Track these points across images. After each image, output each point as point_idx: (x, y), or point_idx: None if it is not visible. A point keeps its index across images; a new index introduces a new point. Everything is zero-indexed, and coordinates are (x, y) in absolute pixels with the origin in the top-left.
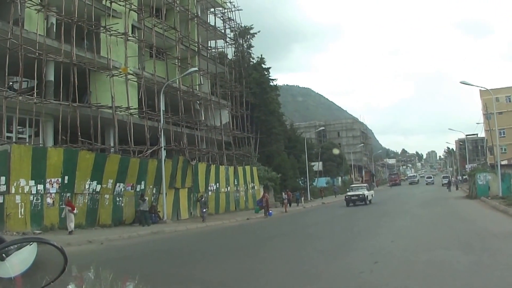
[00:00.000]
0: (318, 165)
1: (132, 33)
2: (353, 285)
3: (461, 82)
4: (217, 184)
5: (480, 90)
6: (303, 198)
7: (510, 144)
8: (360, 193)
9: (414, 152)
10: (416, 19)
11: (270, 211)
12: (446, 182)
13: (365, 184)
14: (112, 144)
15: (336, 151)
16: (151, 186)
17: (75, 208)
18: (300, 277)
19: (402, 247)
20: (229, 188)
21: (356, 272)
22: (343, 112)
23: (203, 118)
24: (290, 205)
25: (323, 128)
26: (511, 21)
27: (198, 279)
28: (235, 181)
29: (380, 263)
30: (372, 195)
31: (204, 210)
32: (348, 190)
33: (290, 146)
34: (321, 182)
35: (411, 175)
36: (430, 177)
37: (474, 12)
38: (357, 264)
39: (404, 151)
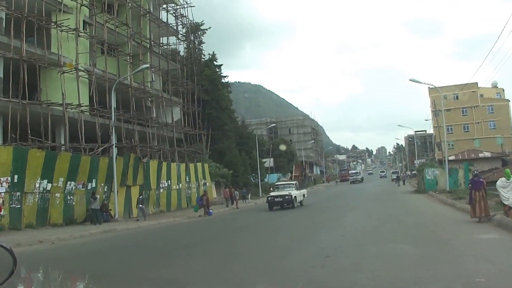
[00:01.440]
0: (269, 162)
1: (83, 29)
2: (305, 279)
3: (410, 80)
4: (169, 181)
5: (428, 87)
6: (249, 194)
7: (457, 140)
8: (286, 193)
9: (364, 148)
10: (365, 17)
11: (210, 210)
12: (396, 177)
13: (293, 182)
14: (62, 142)
15: (283, 147)
16: (102, 184)
17: (2, 209)
18: (253, 273)
19: (353, 241)
20: (180, 185)
21: (308, 266)
22: (294, 109)
23: (155, 115)
24: (232, 203)
25: (274, 124)
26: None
27: (150, 278)
28: (187, 178)
29: (331, 258)
30: (304, 195)
31: (141, 206)
32: (271, 189)
33: (242, 143)
34: (273, 178)
35: (353, 171)
36: (383, 171)
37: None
38: (309, 259)
39: (354, 147)
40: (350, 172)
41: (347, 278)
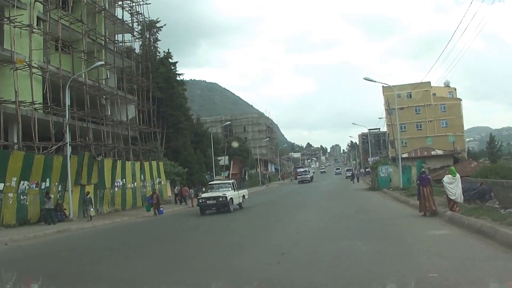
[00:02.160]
0: (224, 160)
1: (37, 25)
2: (261, 276)
3: (365, 79)
4: (124, 179)
5: (382, 86)
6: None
7: (410, 138)
8: (220, 194)
9: (319, 146)
10: (318, 16)
11: (161, 209)
12: (350, 174)
13: (230, 181)
14: (15, 141)
15: (235, 144)
16: (56, 183)
17: None
18: (209, 271)
19: (308, 238)
20: (135, 183)
21: (264, 264)
22: (250, 107)
23: (109, 113)
24: (186, 202)
25: (229, 122)
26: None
27: (105, 278)
28: (142, 177)
29: (287, 255)
30: (244, 196)
31: (90, 208)
32: (205, 189)
33: (197, 141)
34: None
35: (302, 169)
36: (338, 169)
37: (377, 11)
38: (265, 257)
39: (309, 145)
40: (298, 170)
41: (303, 275)
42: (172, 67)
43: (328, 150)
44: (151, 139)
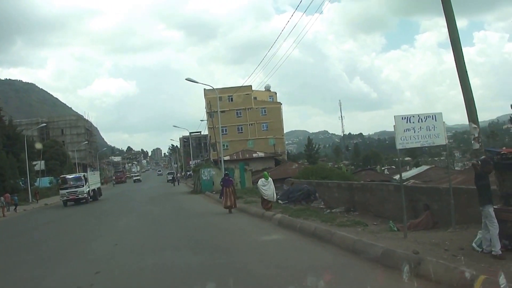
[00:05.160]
0: (40, 164)
1: None
2: None
3: (187, 79)
4: None
5: (204, 89)
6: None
7: (231, 141)
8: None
9: (140, 150)
10: (137, 18)
11: None
12: (171, 178)
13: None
14: None
15: (38, 145)
16: None
17: None
18: None
19: (128, 250)
20: None
21: (73, 287)
22: (68, 109)
23: None
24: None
25: (45, 124)
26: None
27: None
28: None
29: (102, 273)
30: None
31: None
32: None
33: (9, 144)
34: (44, 182)
35: (136, 175)
36: (160, 171)
37: (199, 16)
38: (76, 277)
39: (129, 148)
40: (133, 173)
41: None
42: None
43: (149, 154)
44: None
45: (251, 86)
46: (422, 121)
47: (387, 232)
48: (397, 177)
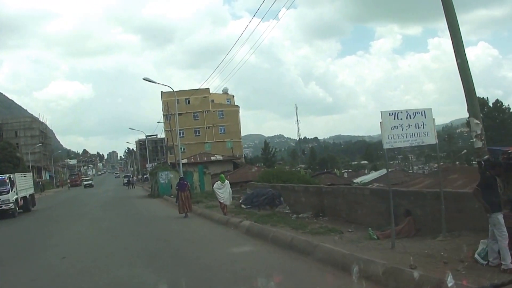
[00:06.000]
0: None
1: None
2: None
3: (144, 79)
4: None
5: (161, 91)
6: None
7: (188, 144)
8: None
9: (96, 153)
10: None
11: None
12: (127, 181)
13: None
14: None
15: None
16: None
17: None
18: None
19: (77, 266)
20: None
21: None
22: (24, 111)
23: None
24: None
25: None
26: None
27: None
28: None
29: None
30: None
31: None
32: None
33: None
34: None
35: (87, 179)
36: (117, 173)
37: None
38: None
39: (85, 151)
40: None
41: None
42: None
43: (105, 157)
44: None
45: (208, 89)
46: (410, 117)
47: (368, 241)
48: (356, 180)
